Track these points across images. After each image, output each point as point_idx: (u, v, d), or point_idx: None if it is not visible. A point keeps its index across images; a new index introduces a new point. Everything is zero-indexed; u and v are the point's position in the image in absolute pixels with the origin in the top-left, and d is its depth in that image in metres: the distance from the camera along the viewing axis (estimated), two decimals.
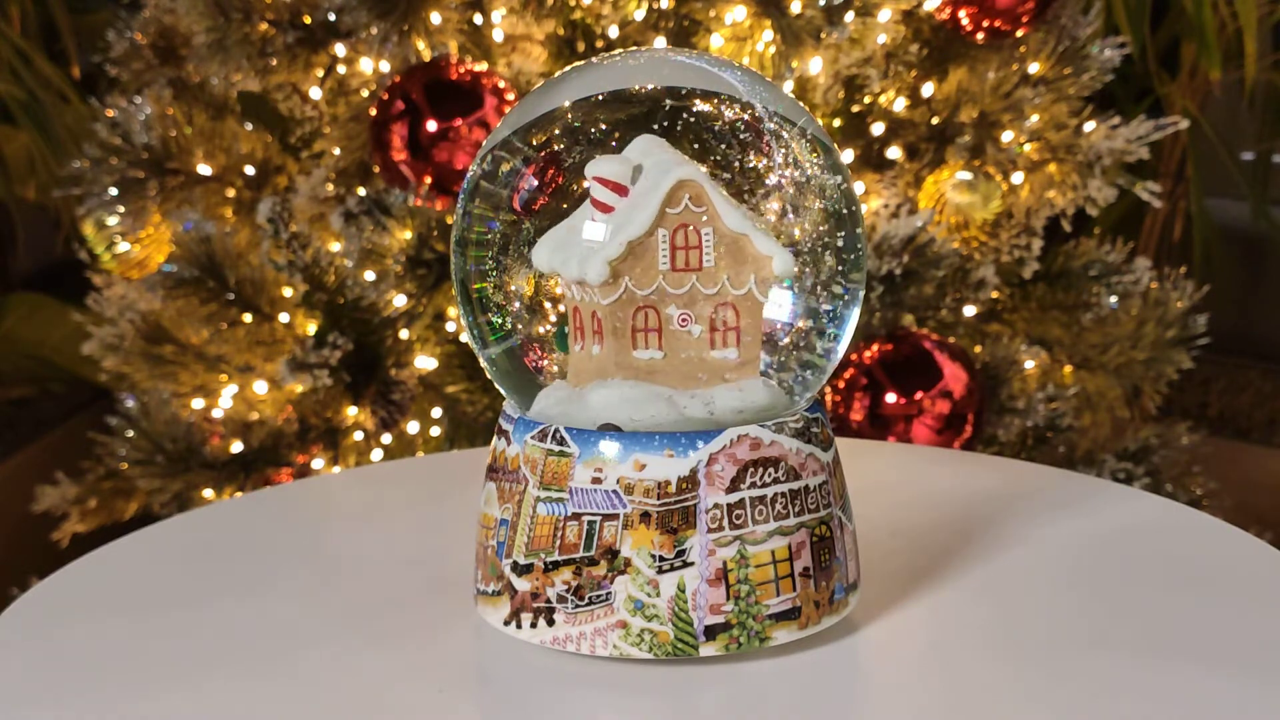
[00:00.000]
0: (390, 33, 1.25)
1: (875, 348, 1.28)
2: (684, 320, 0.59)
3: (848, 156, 1.32)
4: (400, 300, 1.27)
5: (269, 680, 0.59)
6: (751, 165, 0.60)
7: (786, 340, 0.61)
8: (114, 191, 1.37)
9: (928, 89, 1.34)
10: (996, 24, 1.31)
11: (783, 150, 0.61)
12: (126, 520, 1.44)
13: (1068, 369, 1.42)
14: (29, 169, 1.90)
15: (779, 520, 0.58)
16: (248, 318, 1.32)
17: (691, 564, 0.57)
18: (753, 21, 1.23)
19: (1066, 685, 0.57)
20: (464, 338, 1.31)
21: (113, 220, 1.41)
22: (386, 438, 1.33)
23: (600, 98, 0.61)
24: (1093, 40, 1.36)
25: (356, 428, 1.33)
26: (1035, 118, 1.33)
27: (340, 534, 0.77)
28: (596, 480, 0.58)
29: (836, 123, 1.33)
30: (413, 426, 1.34)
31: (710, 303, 0.58)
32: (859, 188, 1.32)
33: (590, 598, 0.58)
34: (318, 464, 1.34)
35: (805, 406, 0.61)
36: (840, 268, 0.61)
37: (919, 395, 1.27)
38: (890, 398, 1.27)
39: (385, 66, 1.31)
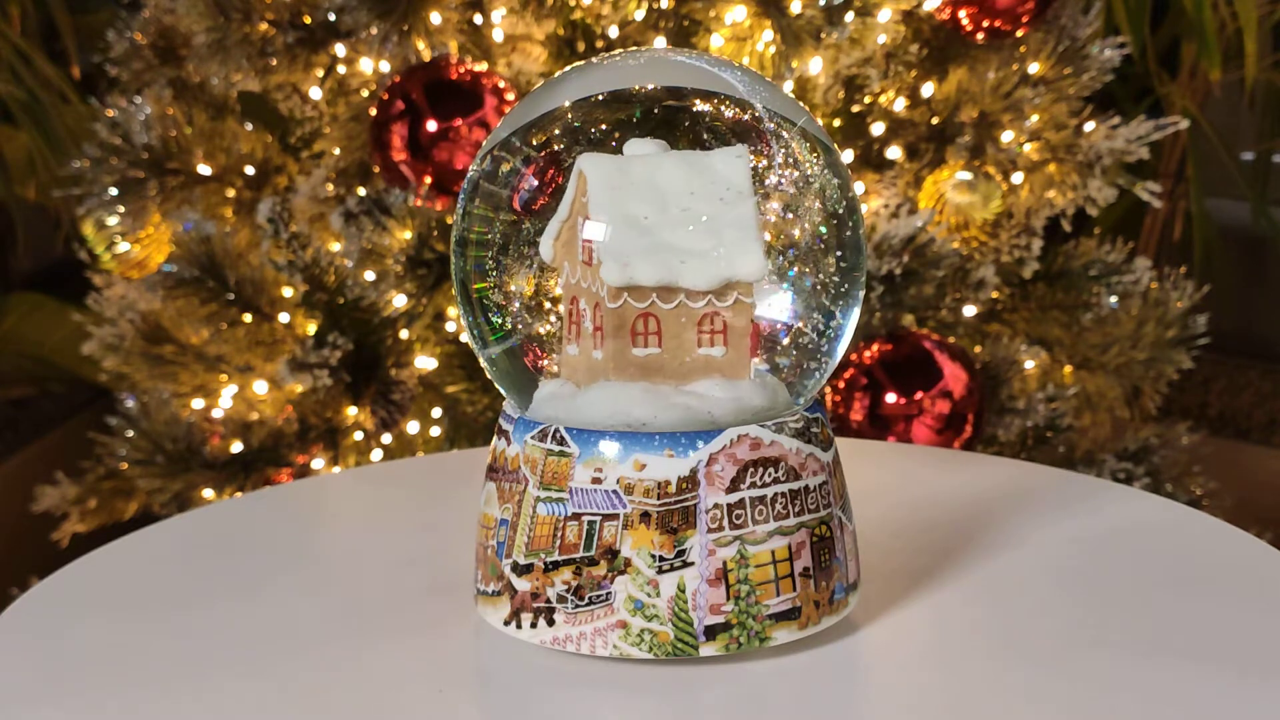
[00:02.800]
0: (390, 33, 1.25)
1: (875, 348, 1.28)
2: (581, 314, 0.59)
3: (848, 156, 1.32)
4: (400, 300, 1.27)
5: (269, 680, 0.59)
6: (751, 165, 0.60)
7: (786, 340, 0.61)
8: (114, 191, 1.37)
9: (928, 89, 1.34)
10: (996, 24, 1.31)
11: (782, 150, 0.61)
12: (126, 520, 1.44)
13: (1068, 369, 1.42)
14: (29, 169, 1.90)
15: (779, 520, 0.58)
16: (248, 318, 1.32)
17: (691, 564, 0.57)
18: (753, 21, 1.23)
19: (1066, 685, 0.57)
20: (464, 338, 1.31)
21: (113, 220, 1.41)
22: (386, 438, 1.33)
23: (600, 98, 0.61)
24: (1093, 40, 1.36)
25: (356, 428, 1.33)
26: (1035, 118, 1.33)
27: (340, 534, 0.77)
28: (596, 480, 0.58)
29: (836, 123, 1.33)
30: (413, 426, 1.34)
31: (593, 300, 0.59)
32: (859, 188, 1.32)
33: (590, 598, 0.58)
34: (318, 464, 1.34)
35: (805, 406, 0.61)
36: (840, 268, 0.61)
37: (919, 395, 1.27)
38: (890, 398, 1.27)
39: (385, 66, 1.31)
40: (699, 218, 0.58)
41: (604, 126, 0.60)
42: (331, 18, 1.31)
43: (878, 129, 1.33)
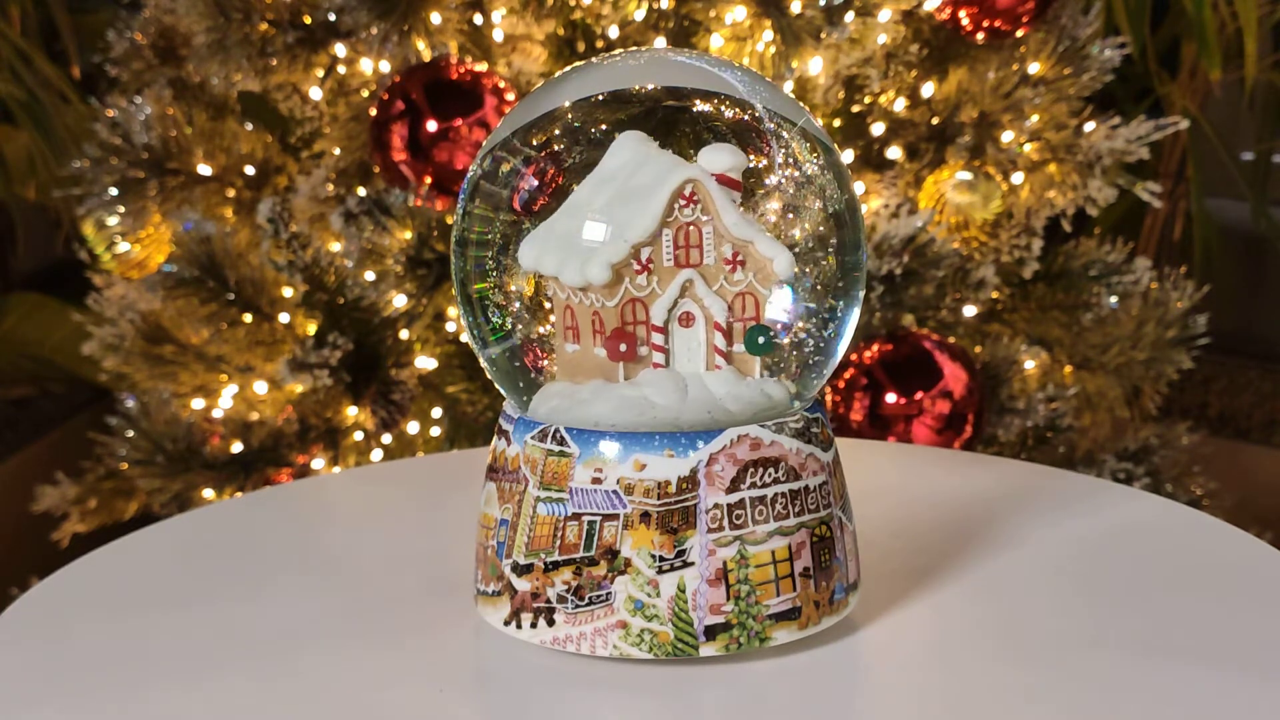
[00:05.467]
0: (390, 33, 1.25)
1: (875, 348, 1.28)
2: None
3: (848, 156, 1.32)
4: (400, 300, 1.27)
5: (269, 680, 0.59)
6: (751, 165, 0.60)
7: (786, 340, 0.61)
8: (114, 191, 1.37)
9: (928, 89, 1.34)
10: (996, 24, 1.31)
11: (782, 150, 0.61)
12: (126, 520, 1.44)
13: (1068, 369, 1.42)
14: (29, 169, 1.90)
15: (779, 520, 0.58)
16: (248, 318, 1.32)
17: (691, 564, 0.57)
18: (753, 21, 1.23)
19: (1066, 685, 0.57)
20: (464, 338, 1.31)
21: (113, 220, 1.41)
22: (386, 438, 1.33)
23: (600, 98, 0.61)
24: (1093, 40, 1.36)
25: (356, 428, 1.33)
26: (1035, 118, 1.33)
27: (340, 534, 0.77)
28: (596, 480, 0.58)
29: (836, 123, 1.33)
30: (413, 426, 1.34)
31: None
32: (859, 188, 1.32)
33: (590, 598, 0.58)
34: (318, 464, 1.34)
35: (805, 406, 0.61)
36: (840, 268, 0.61)
37: (919, 395, 1.27)
38: (890, 398, 1.27)
39: (385, 66, 1.31)
40: (597, 215, 0.58)
41: (604, 126, 0.60)
42: (331, 18, 1.31)
43: (878, 129, 1.33)
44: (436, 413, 1.34)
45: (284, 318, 1.33)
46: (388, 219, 1.25)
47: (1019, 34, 1.32)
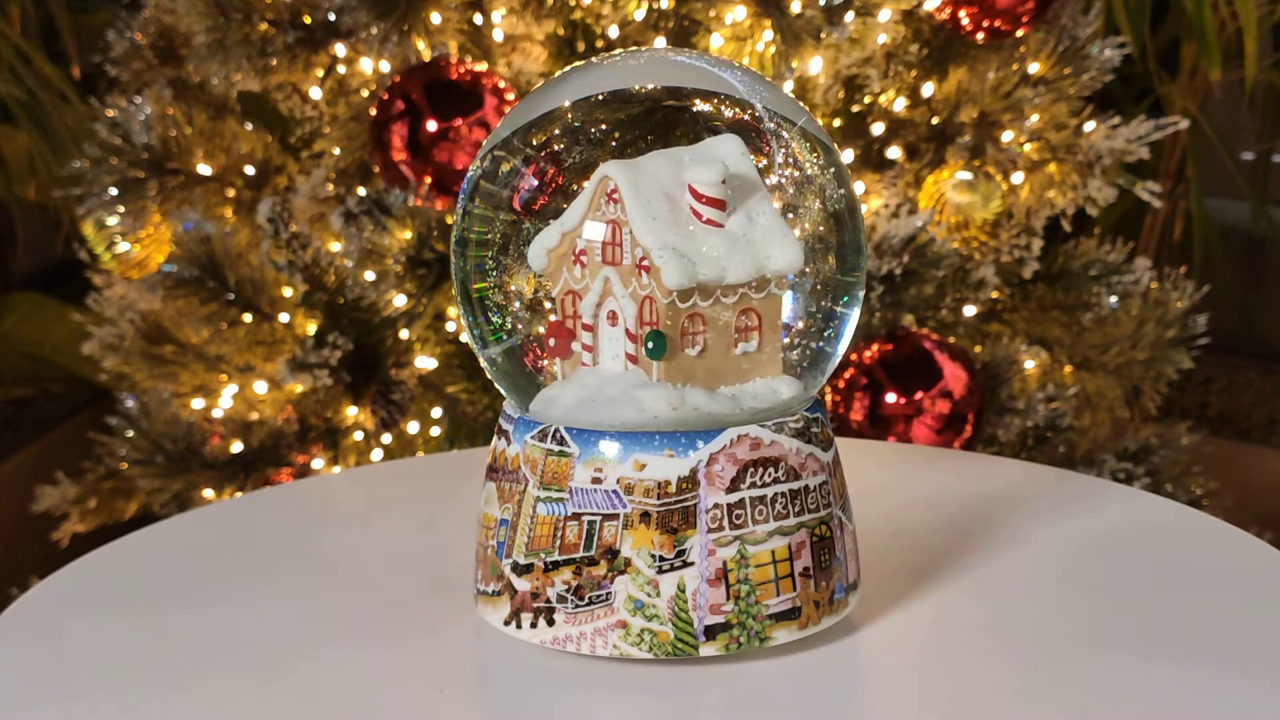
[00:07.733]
0: (390, 33, 1.25)
1: (875, 348, 1.28)
2: None
3: (848, 156, 1.32)
4: (400, 300, 1.27)
5: (269, 680, 0.59)
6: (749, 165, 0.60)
7: (786, 340, 0.61)
8: (114, 191, 1.37)
9: (928, 89, 1.34)
10: (996, 24, 1.31)
11: (782, 150, 0.61)
12: (126, 520, 1.44)
13: (1068, 369, 1.42)
14: (29, 169, 1.90)
15: (779, 520, 0.58)
16: (248, 318, 1.32)
17: (691, 564, 0.57)
18: (753, 21, 1.23)
19: (1066, 685, 0.57)
20: (464, 338, 1.31)
21: (113, 220, 1.41)
22: (386, 438, 1.33)
23: (600, 98, 0.61)
24: (1093, 40, 1.36)
25: (356, 428, 1.33)
26: (1035, 118, 1.33)
27: (340, 534, 0.77)
28: (596, 480, 0.58)
29: (836, 123, 1.33)
30: (413, 426, 1.34)
31: None
32: (859, 188, 1.32)
33: (590, 598, 0.58)
34: (318, 464, 1.34)
35: (806, 406, 0.61)
36: (840, 268, 0.61)
37: (919, 395, 1.27)
38: (890, 398, 1.27)
39: (385, 66, 1.31)
40: None
41: (604, 126, 0.60)
42: (331, 18, 1.31)
43: (878, 129, 1.33)
44: (436, 413, 1.34)
45: (284, 318, 1.33)
46: (388, 219, 1.25)
47: (1019, 34, 1.32)
